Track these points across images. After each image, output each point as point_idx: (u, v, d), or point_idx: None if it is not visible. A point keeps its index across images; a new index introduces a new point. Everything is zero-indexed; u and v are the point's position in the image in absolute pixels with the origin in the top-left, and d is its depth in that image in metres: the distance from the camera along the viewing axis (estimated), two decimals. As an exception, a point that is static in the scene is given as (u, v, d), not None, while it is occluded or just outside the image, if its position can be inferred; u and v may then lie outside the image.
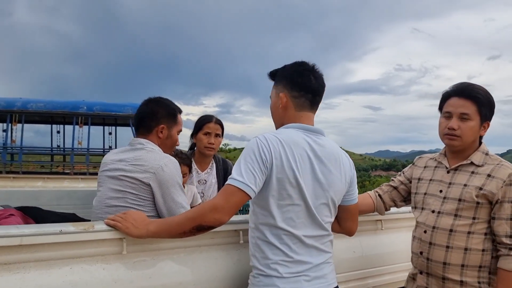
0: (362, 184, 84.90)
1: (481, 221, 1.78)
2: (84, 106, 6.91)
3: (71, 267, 1.46)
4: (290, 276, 1.55)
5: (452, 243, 1.80)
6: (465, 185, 1.82)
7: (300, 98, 1.67)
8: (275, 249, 1.56)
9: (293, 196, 1.55)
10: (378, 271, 2.28)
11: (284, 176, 1.52)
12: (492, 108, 1.85)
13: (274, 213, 1.55)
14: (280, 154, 1.52)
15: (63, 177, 6.60)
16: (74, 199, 3.27)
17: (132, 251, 1.58)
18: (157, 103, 2.14)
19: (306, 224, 1.60)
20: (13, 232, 1.36)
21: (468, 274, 1.78)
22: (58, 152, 8.66)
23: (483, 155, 1.86)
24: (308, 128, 1.65)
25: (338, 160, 1.67)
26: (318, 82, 1.69)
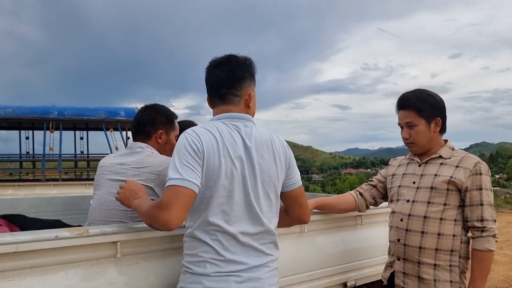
0: (333, 182, 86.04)
1: (452, 207, 1.96)
2: (55, 111, 6.75)
3: (67, 272, 1.47)
4: (218, 275, 1.46)
5: (426, 228, 1.97)
6: (435, 175, 2.00)
7: (210, 95, 1.67)
8: (205, 246, 1.48)
9: (227, 187, 1.48)
10: (359, 265, 2.39)
11: (217, 165, 1.46)
12: (434, 106, 2.03)
13: (210, 206, 1.47)
14: (211, 143, 1.48)
15: (34, 184, 6.43)
16: (52, 205, 3.21)
17: (126, 254, 1.60)
18: (155, 109, 2.22)
19: (243, 219, 1.51)
20: (8, 240, 1.36)
21: (441, 257, 1.95)
22: (28, 159, 8.41)
23: (449, 150, 2.06)
24: (233, 116, 1.60)
25: (269, 144, 1.59)
26: (217, 74, 1.62)
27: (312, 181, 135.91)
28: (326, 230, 2.31)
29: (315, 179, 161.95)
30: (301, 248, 2.15)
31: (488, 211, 1.90)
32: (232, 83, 1.62)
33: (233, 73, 1.62)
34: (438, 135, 2.07)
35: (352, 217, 2.43)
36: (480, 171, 1.94)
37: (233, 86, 1.62)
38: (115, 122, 7.11)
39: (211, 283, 1.45)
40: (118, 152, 2.21)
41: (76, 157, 8.77)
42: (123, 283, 1.56)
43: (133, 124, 2.22)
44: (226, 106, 1.63)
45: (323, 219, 2.27)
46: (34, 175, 7.77)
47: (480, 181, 1.93)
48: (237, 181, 1.50)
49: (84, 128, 8.50)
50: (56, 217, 2.79)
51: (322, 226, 2.28)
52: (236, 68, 1.63)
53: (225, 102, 1.63)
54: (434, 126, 2.03)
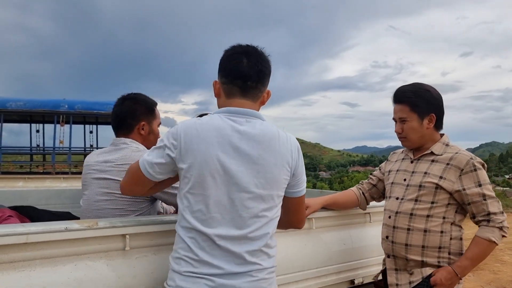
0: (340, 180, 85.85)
1: (439, 205, 1.93)
2: (65, 104, 6.80)
3: (76, 264, 1.49)
4: (190, 275, 1.38)
5: (412, 225, 1.95)
6: (425, 173, 1.97)
7: (228, 84, 1.51)
8: (183, 243, 1.42)
9: (207, 185, 1.38)
10: (367, 262, 2.38)
11: (197, 161, 1.38)
12: (429, 101, 1.98)
13: (185, 204, 1.43)
14: (195, 137, 1.40)
15: (44, 177, 6.50)
16: (62, 198, 3.24)
17: (135, 247, 1.61)
18: (134, 100, 2.10)
19: (222, 221, 1.40)
20: (19, 230, 1.37)
21: (428, 254, 1.93)
22: (38, 152, 8.49)
23: (443, 145, 2.02)
24: (235, 111, 1.47)
25: (271, 143, 1.45)
26: (250, 65, 1.49)
27: (320, 179, 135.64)
28: (334, 227, 2.30)
29: (322, 176, 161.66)
30: (308, 244, 2.14)
31: (494, 204, 1.87)
32: (263, 78, 1.53)
33: (265, 67, 1.53)
34: (433, 131, 2.03)
35: (361, 214, 2.42)
36: (474, 167, 1.89)
37: (261, 81, 1.53)
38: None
39: (182, 282, 1.38)
40: (103, 148, 2.12)
41: (86, 150, 8.83)
42: (131, 276, 1.57)
43: (113, 117, 2.11)
44: (242, 100, 1.51)
45: (332, 216, 2.27)
46: (44, 168, 7.85)
47: (477, 177, 1.88)
48: (219, 180, 1.39)
49: (94, 122, 8.55)
50: (66, 209, 2.81)
51: (330, 223, 2.28)
52: (266, 62, 1.54)
53: (246, 95, 1.51)
54: (428, 123, 1.99)
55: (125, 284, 1.55)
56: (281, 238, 2.03)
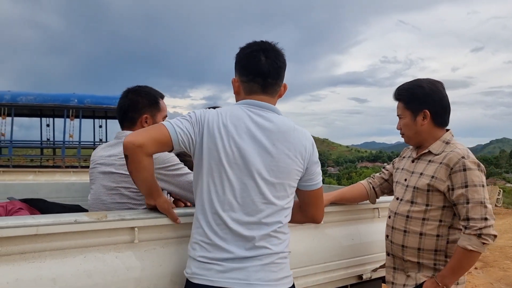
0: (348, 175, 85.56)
1: (435, 208, 1.89)
2: (75, 99, 6.85)
3: (85, 256, 1.50)
4: (203, 261, 1.46)
5: (408, 228, 1.94)
6: (421, 174, 1.95)
7: (249, 82, 1.57)
8: (199, 228, 1.49)
9: (223, 168, 1.46)
10: (375, 258, 2.36)
11: (216, 144, 1.46)
12: (419, 98, 1.95)
13: (203, 185, 1.48)
14: (216, 122, 1.48)
15: (54, 170, 6.56)
16: (72, 191, 3.27)
17: (144, 240, 1.62)
18: (137, 93, 2.06)
19: (236, 205, 1.47)
20: (29, 222, 1.39)
21: (424, 256, 1.92)
22: (48, 146, 8.57)
23: (442, 144, 1.96)
24: (253, 103, 1.55)
25: (286, 135, 1.53)
26: (269, 62, 1.55)
27: (328, 174, 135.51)
28: (343, 222, 2.29)
29: (330, 172, 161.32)
30: (317, 239, 2.14)
31: (475, 209, 1.76)
32: (281, 73, 1.60)
33: (282, 62, 1.59)
34: (432, 128, 1.97)
35: (370, 210, 2.41)
36: (464, 167, 1.80)
37: (280, 77, 1.60)
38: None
39: (196, 269, 1.46)
40: (108, 142, 2.10)
41: (95, 144, 8.89)
42: (140, 268, 1.58)
43: (117, 110, 2.09)
44: (262, 96, 1.57)
45: (340, 211, 2.26)
46: (54, 162, 7.92)
47: (465, 177, 1.80)
48: (235, 165, 1.46)
49: (103, 116, 8.60)
50: (75, 202, 2.83)
51: (339, 218, 2.27)
52: (282, 58, 1.60)
53: (267, 91, 1.58)
54: (422, 119, 1.95)
55: (134, 277, 1.56)
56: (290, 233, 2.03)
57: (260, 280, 1.45)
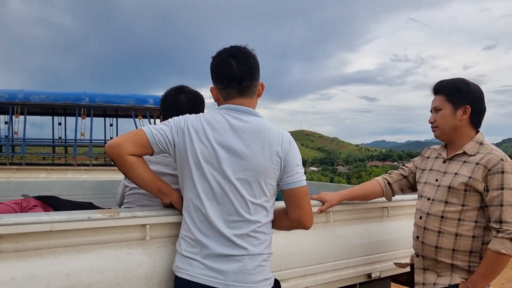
0: (358, 174, 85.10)
1: (471, 208, 1.87)
2: (87, 97, 6.91)
3: (98, 252, 1.53)
4: (186, 255, 1.54)
5: (443, 228, 1.91)
6: (456, 174, 1.92)
7: (225, 89, 1.64)
8: (185, 224, 1.58)
9: (203, 170, 1.54)
10: (384, 257, 2.37)
11: (194, 146, 1.54)
12: (463, 92, 1.94)
13: (186, 184, 1.58)
14: (195, 125, 1.57)
15: (66, 168, 6.64)
16: (84, 189, 3.33)
17: (155, 237, 1.65)
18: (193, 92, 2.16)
19: (217, 204, 1.54)
20: (44, 219, 1.42)
21: (459, 258, 1.89)
22: (60, 144, 8.67)
23: (476, 144, 1.95)
24: (231, 107, 1.62)
25: (261, 135, 1.58)
26: (240, 66, 1.60)
27: (337, 173, 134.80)
28: (351, 221, 2.30)
29: (340, 171, 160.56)
30: (326, 237, 2.15)
31: (509, 212, 1.76)
32: (254, 74, 1.65)
33: (253, 64, 1.64)
34: (468, 126, 1.97)
35: (379, 208, 2.41)
36: (502, 169, 1.80)
37: (254, 78, 1.65)
38: (144, 109, 7.23)
39: (180, 263, 1.55)
40: None
41: (106, 143, 8.94)
42: (151, 265, 1.61)
43: (174, 109, 2.07)
44: (241, 99, 1.64)
45: (349, 210, 2.27)
46: (66, 160, 8.00)
47: (502, 180, 1.79)
48: (212, 165, 1.54)
49: (114, 115, 8.67)
50: (87, 200, 2.88)
51: (347, 217, 2.28)
52: (253, 59, 1.65)
53: (243, 94, 1.64)
54: (461, 114, 1.93)
55: (145, 273, 1.59)
56: (298, 232, 2.05)
57: (238, 281, 1.50)
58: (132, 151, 1.53)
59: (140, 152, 1.56)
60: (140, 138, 1.54)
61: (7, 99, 6.71)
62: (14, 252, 1.39)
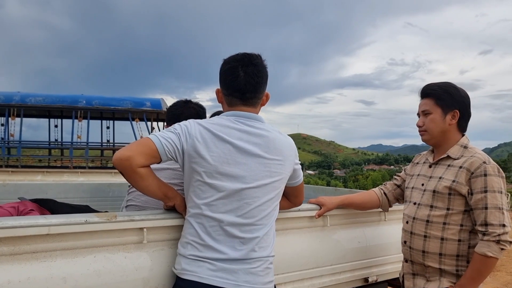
0: (355, 178, 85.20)
1: (456, 212, 1.88)
2: (83, 100, 6.91)
3: (95, 256, 1.52)
4: (193, 258, 1.53)
5: (429, 232, 1.92)
6: (440, 178, 1.93)
7: (229, 96, 1.67)
8: (191, 228, 1.56)
9: (217, 176, 1.54)
10: (381, 261, 2.37)
11: (208, 153, 1.53)
12: (453, 97, 1.95)
13: (196, 191, 1.56)
14: (205, 131, 1.56)
15: (62, 171, 6.63)
16: (80, 192, 3.31)
17: (152, 241, 1.64)
18: (198, 104, 2.22)
19: (228, 208, 1.54)
20: (41, 222, 1.41)
21: (446, 262, 1.89)
22: (56, 146, 8.65)
23: (461, 148, 1.96)
24: (238, 114, 1.64)
25: (275, 142, 1.64)
26: (247, 79, 1.62)
27: (334, 177, 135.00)
28: (349, 225, 2.30)
29: (337, 174, 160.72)
30: (323, 241, 2.15)
31: (495, 215, 1.77)
32: (259, 88, 1.67)
33: (261, 78, 1.66)
34: (455, 130, 1.98)
35: (376, 212, 2.41)
36: (485, 172, 1.81)
37: (258, 91, 1.67)
38: (140, 112, 7.22)
39: (187, 265, 1.53)
40: None
41: (102, 145, 8.94)
42: (148, 269, 1.60)
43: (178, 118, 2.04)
44: (244, 107, 1.67)
45: (346, 214, 2.27)
46: (62, 162, 7.99)
47: (485, 183, 1.80)
48: (229, 171, 1.55)
49: (111, 117, 8.66)
50: (84, 202, 2.87)
51: (345, 221, 2.28)
52: (261, 72, 1.66)
53: (247, 104, 1.67)
54: (451, 118, 1.95)
55: (142, 277, 1.58)
56: (295, 235, 2.05)
57: (248, 282, 1.53)
58: (142, 163, 1.50)
59: (149, 162, 1.54)
60: (149, 149, 1.51)
61: (3, 101, 6.70)
62: (11, 255, 1.38)
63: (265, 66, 1.69)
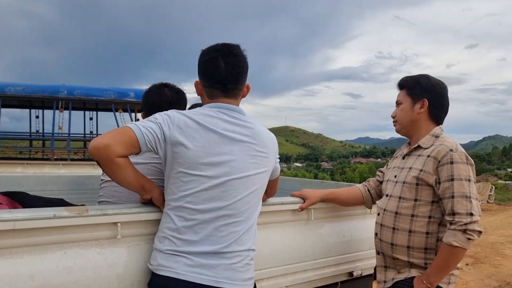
0: (342, 171, 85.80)
1: (423, 203, 1.85)
2: (65, 90, 6.73)
3: (65, 252, 1.44)
4: (170, 253, 1.46)
5: (397, 225, 1.90)
6: (410, 168, 1.91)
7: (209, 87, 1.62)
8: (170, 223, 1.50)
9: (200, 167, 1.49)
10: (366, 254, 2.33)
11: (192, 144, 1.48)
12: (422, 86, 1.95)
13: (177, 183, 1.50)
14: (189, 122, 1.50)
15: (43, 163, 6.47)
16: (59, 184, 3.19)
17: (127, 236, 1.57)
18: (174, 88, 2.09)
19: (210, 201, 1.49)
20: (6, 217, 1.32)
21: (414, 255, 1.86)
22: (37, 138, 8.46)
23: (432, 137, 1.93)
24: (221, 106, 1.60)
25: (261, 135, 1.62)
26: (227, 69, 1.58)
27: (322, 169, 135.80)
28: (333, 219, 2.25)
29: (324, 167, 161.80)
30: (307, 235, 2.10)
31: (461, 203, 1.72)
32: (240, 78, 1.63)
33: (242, 68, 1.62)
34: (426, 120, 1.95)
35: (361, 206, 2.37)
36: (451, 160, 1.77)
37: (239, 81, 1.64)
38: (124, 103, 7.08)
39: (163, 261, 1.47)
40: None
41: (86, 137, 8.79)
42: (123, 265, 1.53)
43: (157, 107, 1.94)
44: (227, 99, 1.63)
45: (331, 207, 2.21)
46: (44, 154, 7.82)
47: (451, 171, 1.76)
48: (213, 163, 1.50)
49: (94, 108, 8.50)
50: (62, 196, 2.77)
51: (329, 214, 2.23)
52: (242, 62, 1.63)
53: (228, 95, 1.63)
54: (419, 107, 1.94)
55: (117, 273, 1.51)
56: (279, 229, 1.99)
57: (228, 279, 1.47)
58: (121, 152, 1.43)
59: (128, 153, 1.46)
60: (129, 139, 1.43)
61: (-19, 91, 6.50)
62: (-28, 252, 1.30)
63: (245, 57, 1.65)
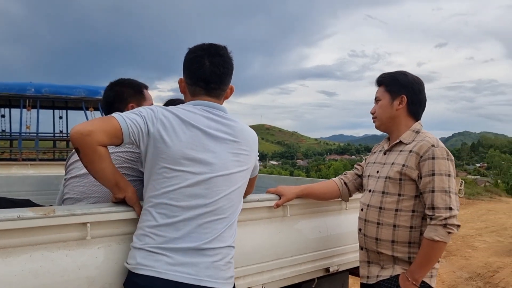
0: (317, 168, 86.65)
1: (407, 198, 1.88)
2: (32, 88, 6.48)
3: (31, 255, 1.38)
4: (151, 251, 1.42)
5: (382, 220, 1.92)
6: (392, 163, 1.94)
7: (193, 85, 1.62)
8: (151, 220, 1.46)
9: (182, 163, 1.46)
10: (342, 250, 2.34)
11: (173, 140, 1.46)
12: (403, 83, 1.99)
13: (159, 179, 1.47)
14: (172, 118, 1.49)
15: (10, 163, 6.23)
16: (26, 185, 3.07)
17: (97, 236, 1.50)
18: (121, 84, 2.08)
19: (192, 198, 1.46)
20: (-35, 219, 1.25)
21: (398, 249, 1.89)
22: (4, 137, 8.15)
23: (412, 133, 1.97)
24: (203, 103, 1.59)
25: (244, 133, 1.62)
26: (212, 69, 1.58)
27: (297, 167, 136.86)
28: (309, 215, 2.24)
29: (299, 164, 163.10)
30: (283, 232, 2.08)
31: (441, 198, 1.76)
32: (224, 79, 1.63)
33: (227, 69, 1.62)
34: (406, 116, 1.99)
35: (337, 202, 2.37)
36: (433, 155, 1.81)
37: (223, 82, 1.64)
38: (95, 101, 6.88)
39: (143, 259, 1.43)
40: None
41: (55, 136, 8.52)
42: (93, 267, 1.47)
43: (103, 104, 2.13)
44: (209, 98, 1.62)
45: (307, 203, 2.20)
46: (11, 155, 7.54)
47: (432, 166, 1.80)
48: (194, 160, 1.48)
49: (63, 107, 8.25)
50: (29, 197, 2.66)
51: (305, 211, 2.22)
52: (227, 63, 1.63)
53: (211, 95, 1.62)
54: (398, 104, 1.97)
55: (87, 276, 1.45)
56: (255, 226, 1.97)
57: (210, 277, 1.45)
58: (103, 141, 1.39)
59: (110, 143, 1.42)
60: (113, 128, 1.40)
61: None
62: None
63: (231, 58, 1.66)
